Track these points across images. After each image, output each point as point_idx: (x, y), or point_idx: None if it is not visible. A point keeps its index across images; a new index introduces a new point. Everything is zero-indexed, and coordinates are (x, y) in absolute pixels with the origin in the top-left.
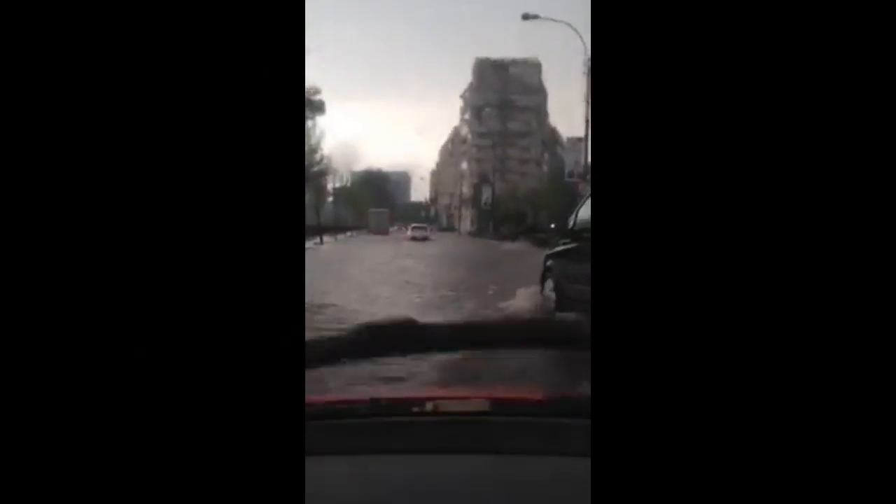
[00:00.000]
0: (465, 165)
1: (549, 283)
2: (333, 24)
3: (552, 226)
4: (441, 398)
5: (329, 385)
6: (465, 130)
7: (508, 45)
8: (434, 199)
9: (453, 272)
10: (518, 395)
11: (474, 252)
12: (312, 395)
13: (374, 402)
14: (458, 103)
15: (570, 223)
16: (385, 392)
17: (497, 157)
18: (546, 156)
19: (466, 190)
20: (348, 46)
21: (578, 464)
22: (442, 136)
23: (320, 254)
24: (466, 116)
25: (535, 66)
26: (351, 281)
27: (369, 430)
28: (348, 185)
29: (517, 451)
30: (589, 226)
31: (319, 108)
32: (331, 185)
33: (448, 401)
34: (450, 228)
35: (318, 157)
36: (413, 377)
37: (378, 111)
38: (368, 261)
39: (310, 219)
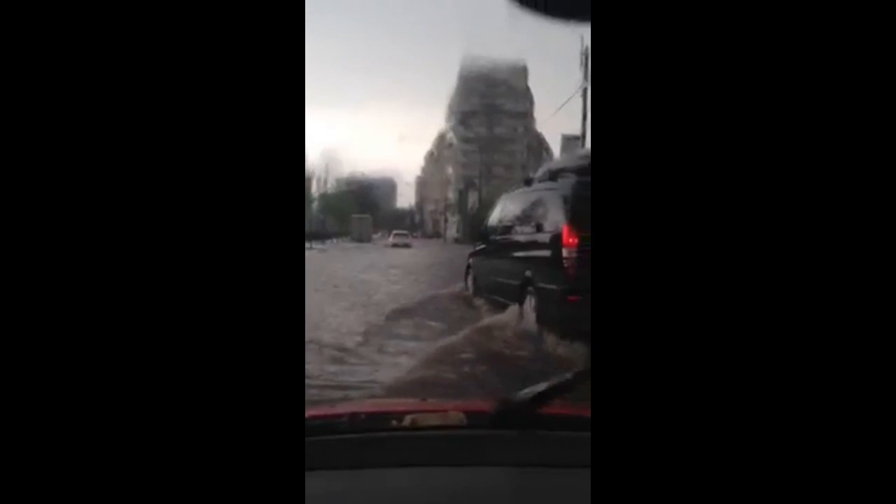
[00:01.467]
0: (450, 171)
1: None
2: (314, 30)
3: (466, 231)
4: (419, 411)
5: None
6: (450, 135)
7: (496, 41)
8: (419, 206)
9: (421, 287)
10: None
11: (455, 260)
12: None
13: (354, 416)
14: (443, 108)
15: (483, 227)
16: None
17: (483, 163)
18: (532, 161)
19: (452, 195)
20: (330, 52)
21: (570, 475)
22: (427, 141)
23: None
24: (452, 121)
25: (521, 70)
26: None
27: (349, 445)
28: (330, 191)
29: (500, 463)
30: (496, 227)
31: None
32: (315, 191)
33: (426, 414)
34: (436, 234)
35: None
36: None
37: (362, 118)
38: (332, 277)
39: None
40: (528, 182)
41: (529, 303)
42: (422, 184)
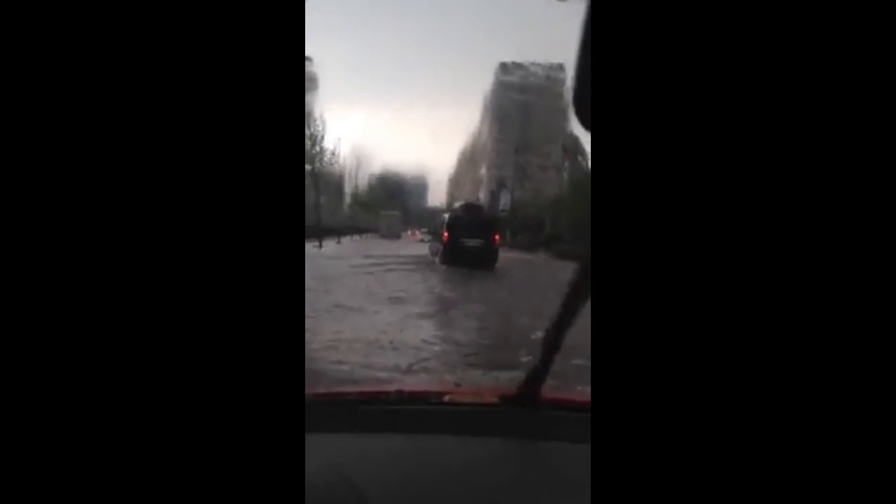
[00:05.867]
0: (483, 171)
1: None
2: (345, 29)
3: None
4: (455, 392)
5: None
6: (484, 135)
7: (534, 39)
8: (450, 205)
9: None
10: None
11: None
12: (347, 388)
13: (399, 392)
14: (479, 107)
15: (433, 228)
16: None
17: (517, 163)
18: (566, 163)
19: (484, 196)
20: (364, 50)
21: (576, 450)
22: (461, 140)
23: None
24: (486, 120)
25: (558, 69)
26: None
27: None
28: (361, 187)
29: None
30: (436, 228)
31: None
32: (346, 186)
33: (461, 395)
34: None
35: (329, 155)
36: None
37: (396, 115)
38: (343, 271)
39: (312, 220)
40: (449, 210)
41: (438, 253)
42: (454, 183)
